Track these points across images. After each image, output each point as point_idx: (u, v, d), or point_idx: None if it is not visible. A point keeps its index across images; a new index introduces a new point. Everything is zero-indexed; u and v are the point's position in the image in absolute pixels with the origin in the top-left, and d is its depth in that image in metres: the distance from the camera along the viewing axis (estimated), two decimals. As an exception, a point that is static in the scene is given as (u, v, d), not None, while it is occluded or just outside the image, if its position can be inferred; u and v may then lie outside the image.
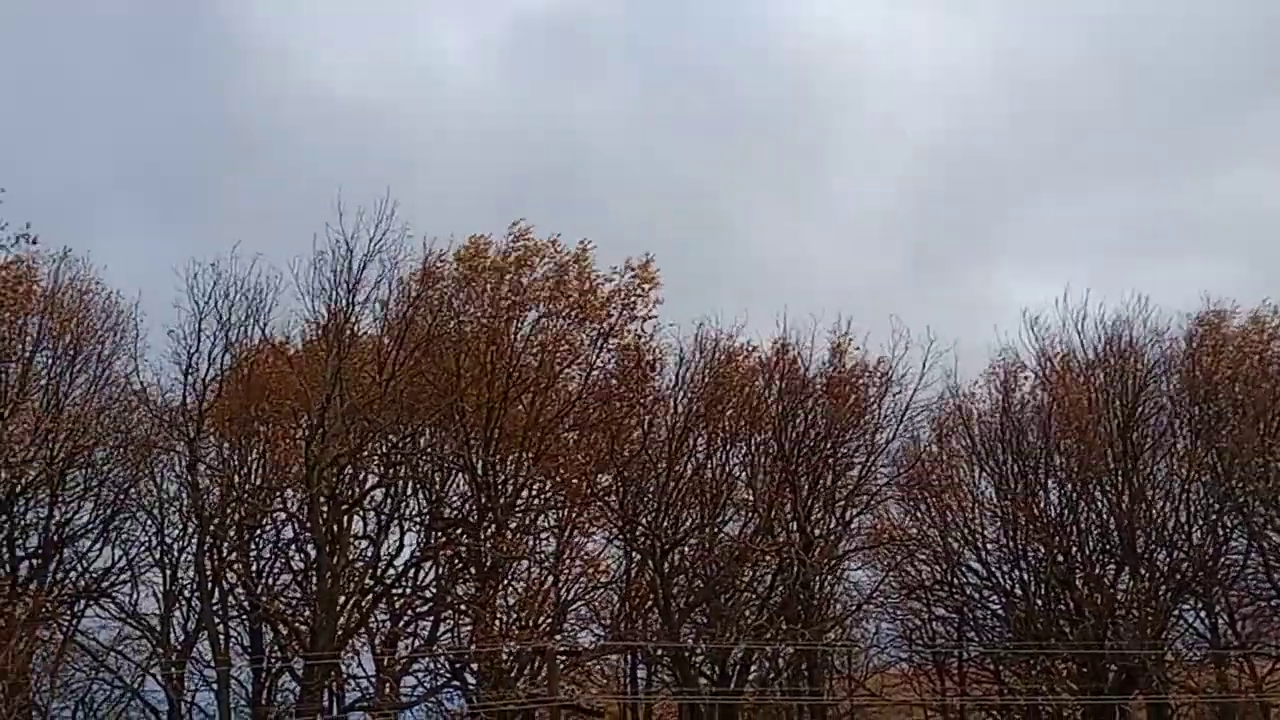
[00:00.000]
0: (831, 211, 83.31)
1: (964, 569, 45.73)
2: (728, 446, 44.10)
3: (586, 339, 42.07)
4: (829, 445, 44.29)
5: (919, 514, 46.09)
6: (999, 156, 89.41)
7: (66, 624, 39.42)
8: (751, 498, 44.35)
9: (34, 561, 39.36)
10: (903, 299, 70.44)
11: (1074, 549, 44.41)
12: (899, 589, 46.51)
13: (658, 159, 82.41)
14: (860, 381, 44.73)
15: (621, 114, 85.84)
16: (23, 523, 39.41)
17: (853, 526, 45.88)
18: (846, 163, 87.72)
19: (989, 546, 45.21)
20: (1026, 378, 45.55)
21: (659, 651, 43.51)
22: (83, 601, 40.03)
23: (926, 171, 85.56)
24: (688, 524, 43.82)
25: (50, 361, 39.86)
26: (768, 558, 44.37)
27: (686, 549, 43.93)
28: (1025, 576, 44.68)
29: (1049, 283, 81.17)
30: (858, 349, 44.35)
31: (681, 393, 42.94)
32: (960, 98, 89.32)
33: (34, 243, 35.95)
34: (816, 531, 44.49)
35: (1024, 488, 44.26)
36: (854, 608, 46.27)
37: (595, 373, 42.49)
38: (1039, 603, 44.39)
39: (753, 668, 44.20)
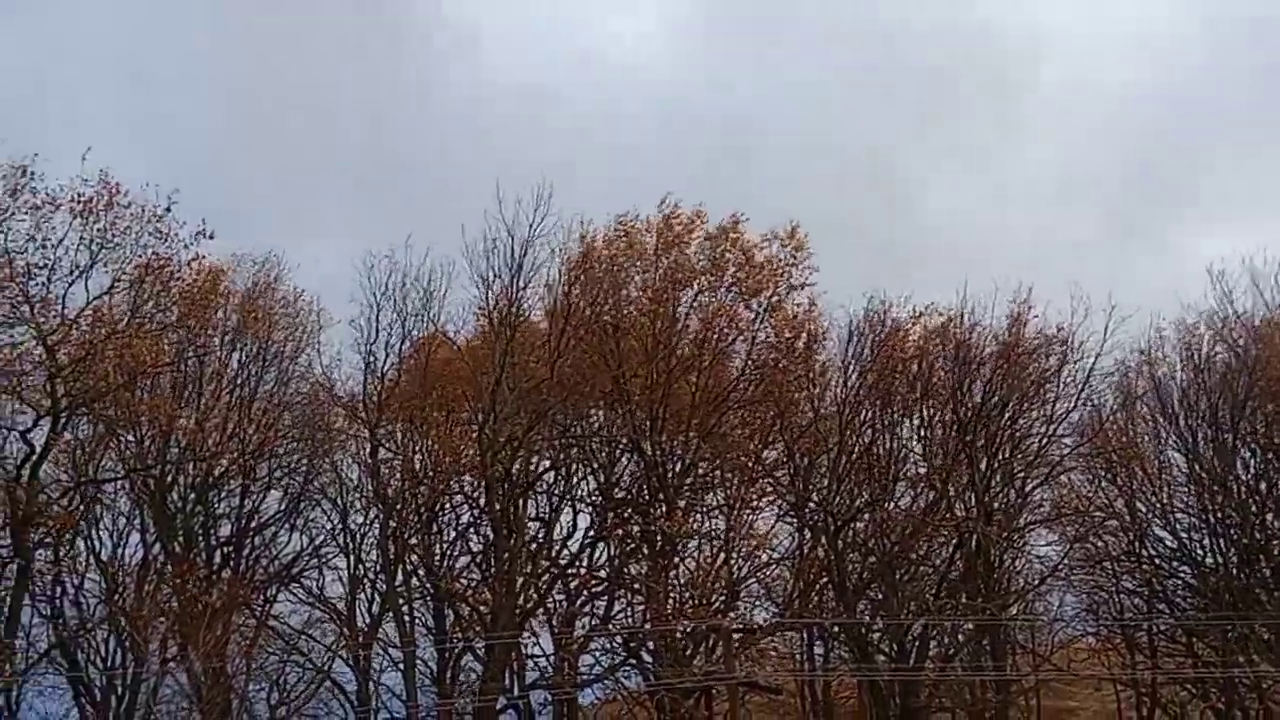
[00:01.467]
0: (1015, 177, 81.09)
1: (1152, 539, 44.11)
2: (900, 419, 43.27)
3: (748, 313, 41.78)
4: (1007, 416, 43.10)
5: (1104, 484, 44.58)
6: (1195, 109, 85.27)
7: (259, 609, 40.96)
8: (926, 471, 43.46)
9: (227, 550, 41.01)
10: (1086, 263, 68.10)
11: (1270, 516, 42.39)
12: (1083, 561, 45.08)
13: (841, 130, 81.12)
14: (1040, 350, 43.41)
15: (804, 84, 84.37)
16: (216, 512, 41.04)
17: (1033, 498, 44.67)
18: (1033, 127, 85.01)
19: (1179, 515, 43.48)
20: (1216, 340, 43.56)
21: (835, 628, 43.12)
22: (274, 587, 41.59)
23: (1119, 128, 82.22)
24: (860, 499, 43.20)
25: (242, 357, 41.44)
26: (944, 532, 43.49)
27: (860, 524, 43.35)
28: (1219, 545, 42.83)
29: (1240, 239, 77.48)
30: (1036, 316, 43.12)
31: (851, 365, 42.27)
32: (1156, 49, 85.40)
33: (210, 237, 37.73)
34: (995, 504, 43.43)
35: (1216, 454, 42.37)
36: (1036, 581, 45.05)
37: (759, 347, 42.11)
38: (1233, 572, 42.52)
39: (932, 643, 43.45)
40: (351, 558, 41.16)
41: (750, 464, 42.92)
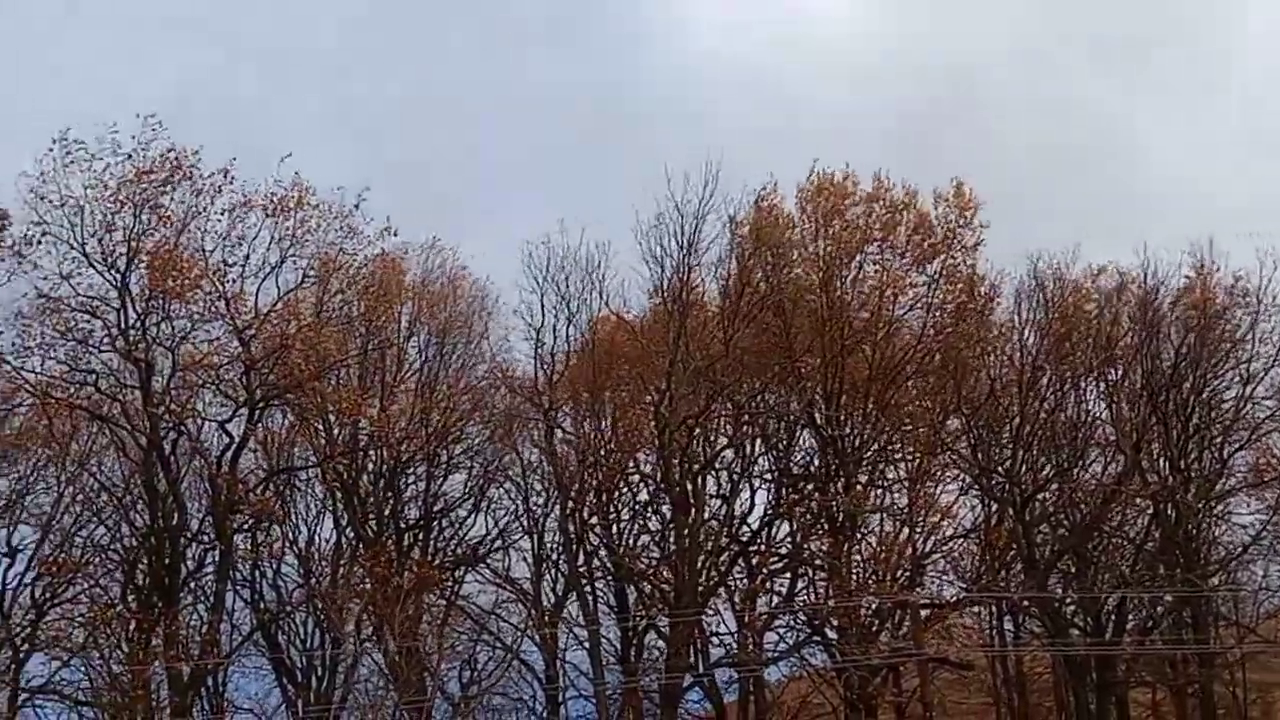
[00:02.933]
0: (1223, 129, 77.62)
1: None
2: (1083, 383, 41.93)
3: (921, 279, 41.09)
4: (1198, 376, 41.37)
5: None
6: None
7: (449, 590, 41.98)
8: (1116, 437, 42.01)
9: (415, 532, 42.17)
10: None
11: None
12: (1290, 528, 42.92)
13: (1042, 87, 78.69)
14: (1229, 308, 41.60)
15: (1011, 35, 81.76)
16: (405, 496, 42.26)
17: (1233, 463, 42.76)
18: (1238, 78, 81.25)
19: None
20: None
21: (1025, 602, 42.03)
22: (461, 568, 42.56)
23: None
24: (1047, 468, 42.01)
25: (423, 346, 42.65)
26: (1139, 500, 41.97)
27: (1047, 494, 42.15)
28: None
29: None
30: (1221, 271, 41.31)
31: (1027, 328, 41.16)
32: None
33: (395, 234, 39.14)
34: (1192, 470, 41.74)
35: None
36: (1239, 550, 43.06)
37: (933, 314, 41.36)
38: None
39: (1130, 616, 41.96)
40: (534, 538, 41.92)
41: (930, 436, 42.17)
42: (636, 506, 42.53)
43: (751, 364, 40.82)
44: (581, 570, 41.22)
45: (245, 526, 40.08)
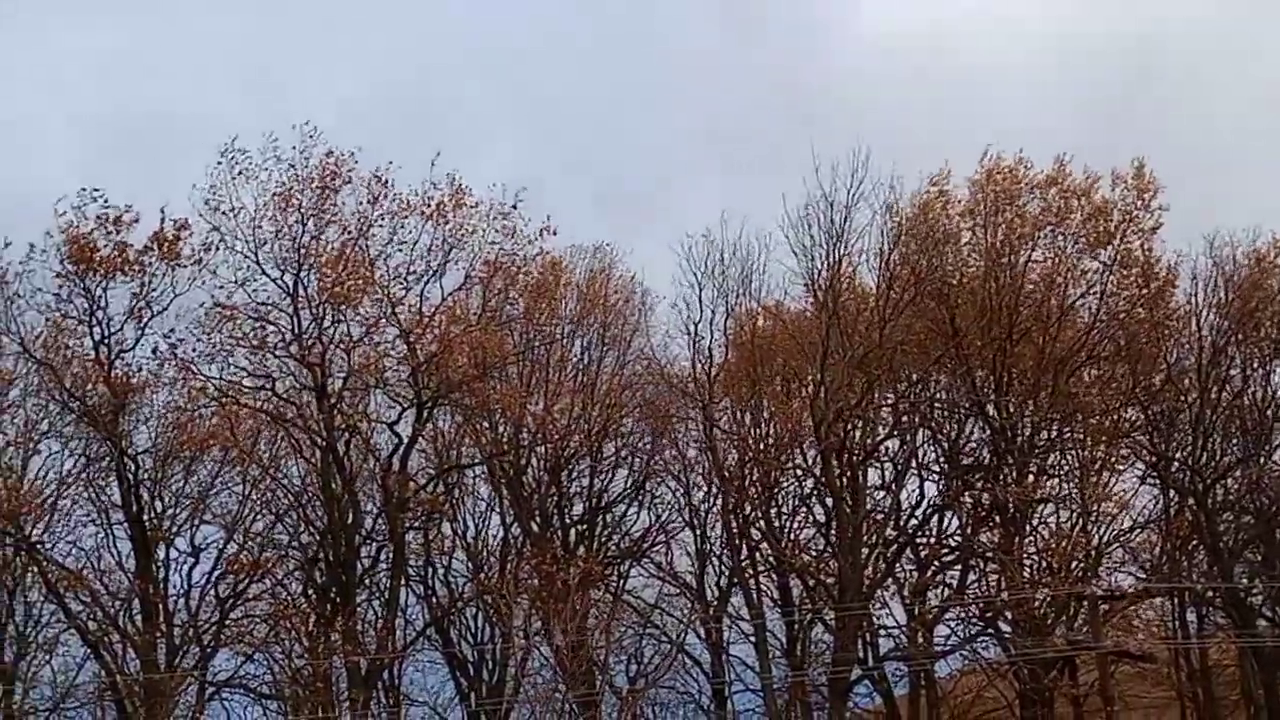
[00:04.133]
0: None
1: None
2: (1270, 364, 40.00)
3: (1095, 264, 39.68)
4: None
5: None
6: None
7: (614, 584, 42.38)
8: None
9: (580, 528, 42.68)
10: None
11: None
12: None
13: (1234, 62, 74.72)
14: None
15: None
16: (568, 492, 42.80)
17: None
18: None
19: None
20: None
21: (1210, 592, 40.39)
22: (626, 563, 42.91)
23: None
24: (1230, 454, 40.24)
25: (583, 343, 43.14)
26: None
27: (1231, 481, 40.38)
28: None
29: None
30: None
31: (1206, 310, 39.44)
32: None
33: (554, 233, 39.56)
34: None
35: None
36: None
37: (1108, 299, 39.91)
38: None
39: (1324, 608, 39.99)
40: (697, 532, 41.99)
41: (1106, 424, 40.78)
42: (798, 500, 42.24)
43: (913, 353, 40.06)
44: (745, 564, 41.11)
45: (416, 524, 41.12)
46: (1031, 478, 40.36)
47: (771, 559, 41.77)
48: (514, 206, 38.58)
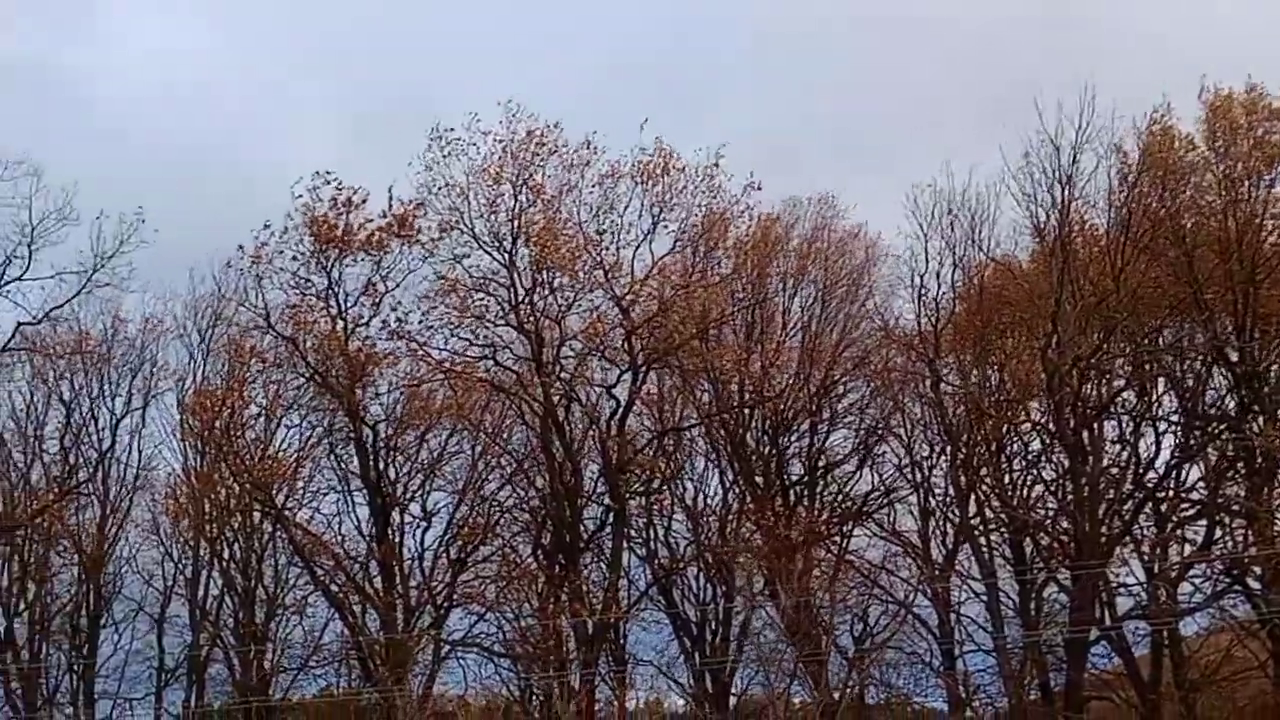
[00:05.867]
0: None
1: None
2: None
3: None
4: None
5: None
6: None
7: (837, 544, 41.84)
8: None
9: (800, 488, 42.25)
10: None
11: None
12: None
13: None
14: None
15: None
16: (788, 453, 42.38)
17: None
18: None
19: None
20: None
21: None
22: (849, 523, 42.29)
23: None
24: None
25: (803, 300, 42.60)
26: None
27: None
28: None
29: None
30: None
31: None
32: None
33: (759, 189, 38.99)
34: None
35: None
36: None
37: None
38: None
39: None
40: (921, 492, 41.01)
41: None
42: (1029, 456, 40.76)
43: (1148, 299, 38.05)
44: (973, 522, 39.97)
45: (637, 487, 41.40)
46: (1280, 426, 37.94)
47: (1002, 517, 40.47)
48: (715, 164, 38.13)
